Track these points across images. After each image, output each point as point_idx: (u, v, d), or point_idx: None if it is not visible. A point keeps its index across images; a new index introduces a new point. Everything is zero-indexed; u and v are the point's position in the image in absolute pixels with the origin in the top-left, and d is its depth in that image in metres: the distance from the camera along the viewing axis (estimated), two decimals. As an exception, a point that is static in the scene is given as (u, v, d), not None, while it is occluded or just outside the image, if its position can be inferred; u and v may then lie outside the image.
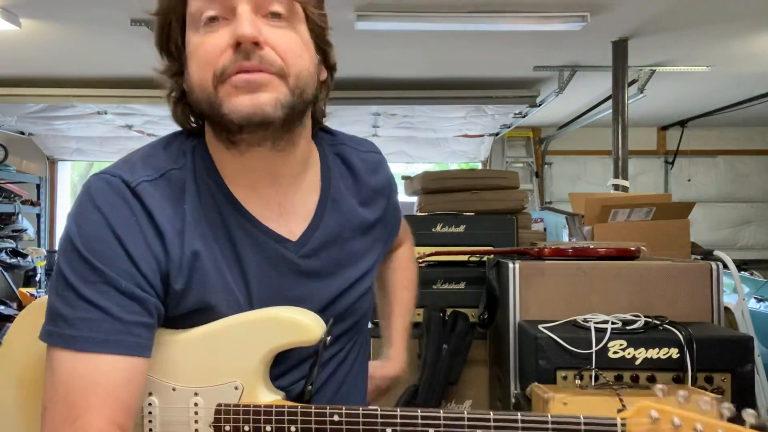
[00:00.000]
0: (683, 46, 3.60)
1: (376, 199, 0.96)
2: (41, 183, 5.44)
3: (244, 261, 0.81)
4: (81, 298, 0.72)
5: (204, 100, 0.77)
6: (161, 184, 0.79)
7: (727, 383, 1.46)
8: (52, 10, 3.00)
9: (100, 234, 0.74)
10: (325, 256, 0.87)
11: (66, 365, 0.72)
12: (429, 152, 5.92)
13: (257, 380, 0.81)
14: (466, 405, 2.28)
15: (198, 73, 0.77)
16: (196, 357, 0.81)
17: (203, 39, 0.76)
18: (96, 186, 0.77)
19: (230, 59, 0.74)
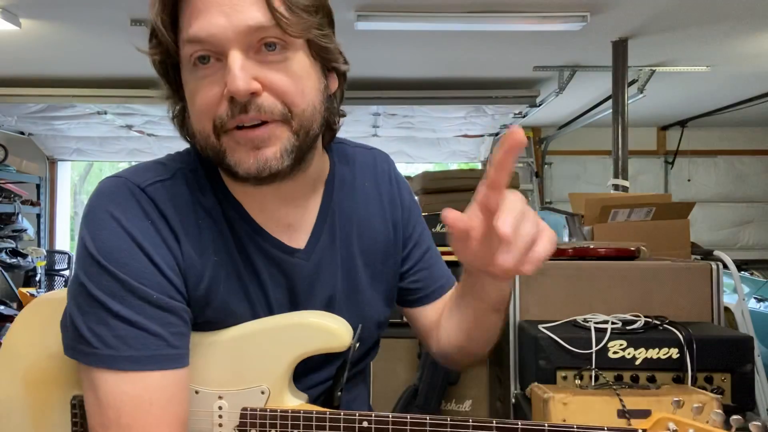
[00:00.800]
0: (683, 46, 3.60)
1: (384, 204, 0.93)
2: (41, 183, 5.44)
3: (259, 272, 0.80)
4: (114, 316, 0.70)
5: (207, 148, 0.75)
6: (174, 184, 0.78)
7: (727, 383, 1.46)
8: (52, 10, 3.00)
9: (119, 244, 0.72)
10: (328, 265, 0.85)
11: (112, 387, 0.70)
12: (429, 152, 5.92)
13: (283, 385, 0.80)
14: (466, 405, 2.28)
15: (197, 123, 0.74)
16: (220, 361, 0.80)
17: (197, 84, 0.72)
18: (106, 190, 0.75)
19: (227, 111, 0.71)
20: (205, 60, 0.71)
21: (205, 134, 0.74)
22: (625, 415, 1.24)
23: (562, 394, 1.28)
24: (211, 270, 0.77)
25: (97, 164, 8.08)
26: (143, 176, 0.77)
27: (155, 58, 0.76)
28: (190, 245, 0.76)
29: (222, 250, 0.78)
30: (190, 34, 0.70)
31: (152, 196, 0.75)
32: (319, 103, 0.77)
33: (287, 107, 0.72)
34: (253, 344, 0.80)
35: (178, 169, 0.79)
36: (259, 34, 0.70)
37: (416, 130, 5.45)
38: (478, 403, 2.29)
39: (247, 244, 0.80)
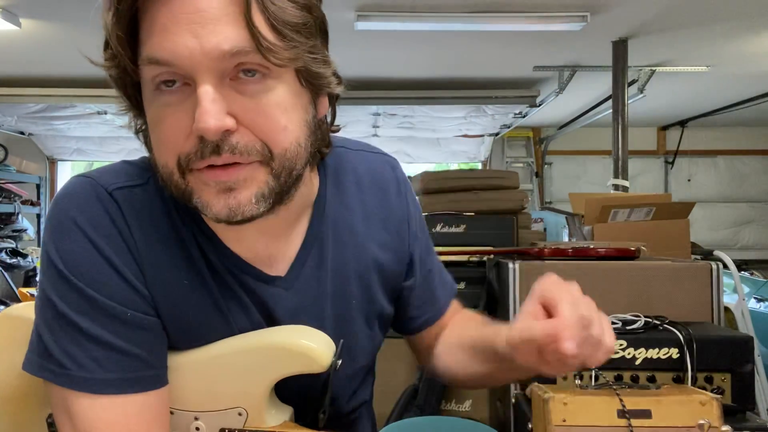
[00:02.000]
0: (683, 46, 3.60)
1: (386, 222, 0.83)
2: (41, 183, 5.44)
3: (237, 301, 0.72)
4: (87, 337, 0.64)
5: (171, 186, 0.64)
6: (145, 192, 0.69)
7: (727, 383, 1.46)
8: (52, 10, 3.00)
9: (85, 257, 0.65)
10: (315, 293, 0.77)
11: (87, 411, 0.64)
12: (429, 152, 5.92)
13: (262, 406, 0.76)
14: (466, 405, 2.28)
15: (160, 156, 0.63)
16: (196, 381, 0.75)
17: (161, 112, 0.61)
18: (72, 192, 0.68)
19: (195, 148, 0.60)
20: (170, 84, 0.60)
21: (167, 170, 0.63)
22: (625, 415, 1.24)
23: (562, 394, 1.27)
24: (183, 293, 0.70)
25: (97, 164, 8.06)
26: (113, 179, 0.69)
27: (110, 73, 0.65)
28: (154, 263, 0.68)
29: (194, 272, 0.70)
30: (151, 54, 0.59)
31: (119, 202, 0.67)
32: (305, 138, 0.66)
33: (267, 146, 0.62)
34: (228, 365, 0.74)
35: (153, 176, 0.69)
36: (236, 59, 0.58)
37: (416, 130, 5.45)
38: (478, 403, 2.29)
39: (222, 271, 0.71)
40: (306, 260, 0.76)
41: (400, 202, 0.84)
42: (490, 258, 2.19)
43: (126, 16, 0.60)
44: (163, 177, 0.65)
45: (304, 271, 0.75)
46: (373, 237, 0.81)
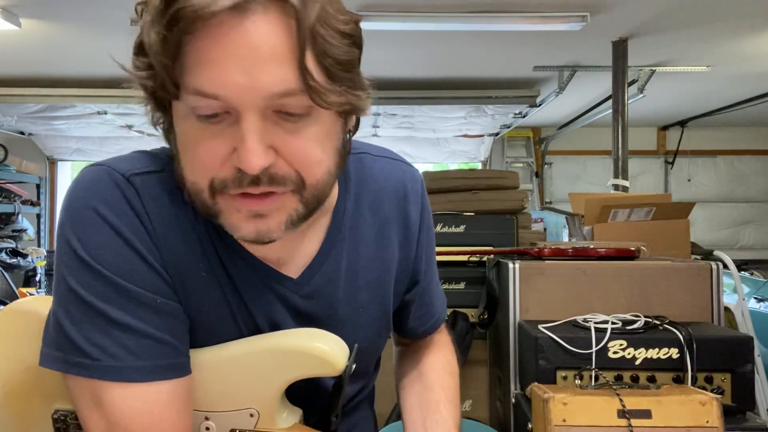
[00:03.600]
0: (683, 46, 3.60)
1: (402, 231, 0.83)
2: (41, 183, 5.44)
3: (248, 299, 0.73)
4: (115, 324, 0.64)
5: (198, 202, 0.64)
6: (162, 179, 0.69)
7: (727, 383, 1.46)
8: (52, 10, 3.00)
9: (109, 244, 0.64)
10: (326, 299, 0.77)
11: (119, 402, 0.64)
12: (429, 152, 5.92)
13: (273, 408, 0.75)
14: (466, 405, 2.28)
15: (191, 174, 0.63)
16: (207, 381, 0.75)
17: (197, 134, 0.60)
18: (88, 181, 0.67)
19: (232, 178, 0.60)
20: (213, 115, 0.59)
21: (197, 188, 0.63)
22: (625, 415, 1.24)
23: (562, 394, 1.27)
24: (199, 284, 0.69)
25: (97, 164, 8.08)
26: (129, 165, 0.68)
27: (146, 83, 0.63)
28: (172, 250, 0.68)
29: (208, 264, 0.70)
30: (199, 87, 0.57)
31: (137, 187, 0.66)
32: (335, 165, 0.66)
33: (301, 176, 0.62)
34: (241, 366, 0.74)
35: (168, 164, 0.69)
36: (284, 99, 0.58)
37: (416, 130, 5.45)
38: (478, 403, 2.29)
39: (233, 266, 0.71)
40: (321, 267, 0.76)
41: (416, 214, 0.84)
42: (490, 258, 2.20)
43: (174, 45, 0.57)
44: (190, 191, 0.64)
45: (317, 276, 0.75)
46: (387, 246, 0.81)
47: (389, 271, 0.82)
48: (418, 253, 0.85)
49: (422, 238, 0.85)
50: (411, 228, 0.83)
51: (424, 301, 0.90)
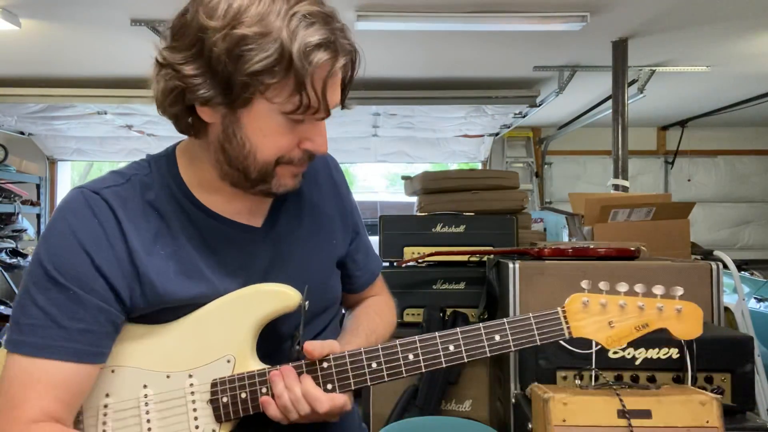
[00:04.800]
0: (683, 46, 3.60)
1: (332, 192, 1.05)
2: (41, 183, 5.44)
3: (219, 256, 0.89)
4: (35, 306, 0.80)
5: (257, 170, 0.85)
6: (126, 188, 0.87)
7: (727, 383, 1.46)
8: (52, 10, 3.00)
9: (64, 245, 0.81)
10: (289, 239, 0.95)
11: (13, 367, 0.80)
12: (429, 152, 5.92)
13: (247, 350, 0.87)
14: (466, 405, 2.28)
15: (265, 150, 0.84)
16: (188, 341, 0.86)
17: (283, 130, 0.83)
18: (64, 201, 0.85)
19: (300, 158, 0.86)
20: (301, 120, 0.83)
21: (266, 160, 0.84)
22: (625, 415, 1.24)
23: (562, 394, 1.28)
24: (159, 261, 0.85)
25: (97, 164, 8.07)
26: (101, 183, 0.87)
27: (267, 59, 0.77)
28: (140, 242, 0.84)
29: (170, 243, 0.87)
30: (331, 104, 0.83)
31: (106, 198, 0.85)
32: None
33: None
34: (213, 319, 0.86)
35: (132, 175, 0.89)
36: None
37: (416, 130, 5.45)
38: (478, 403, 2.29)
39: (206, 233, 0.89)
40: (278, 216, 0.95)
41: (341, 180, 1.07)
42: (490, 258, 2.20)
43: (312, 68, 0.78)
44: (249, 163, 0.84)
45: (277, 224, 0.95)
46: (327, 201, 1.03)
47: (332, 221, 1.02)
48: (349, 209, 1.07)
49: (350, 197, 1.08)
50: (340, 189, 1.06)
51: (365, 252, 1.10)
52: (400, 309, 2.36)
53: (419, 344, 0.89)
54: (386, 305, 1.15)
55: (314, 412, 0.85)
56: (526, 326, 0.92)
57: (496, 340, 0.90)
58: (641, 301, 0.94)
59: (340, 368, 0.87)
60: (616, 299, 0.93)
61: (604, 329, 0.94)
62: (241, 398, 0.85)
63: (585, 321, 0.93)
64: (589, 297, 0.93)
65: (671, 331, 0.95)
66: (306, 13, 0.77)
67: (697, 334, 0.95)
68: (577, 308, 0.93)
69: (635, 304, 0.94)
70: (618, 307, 0.94)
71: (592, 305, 0.93)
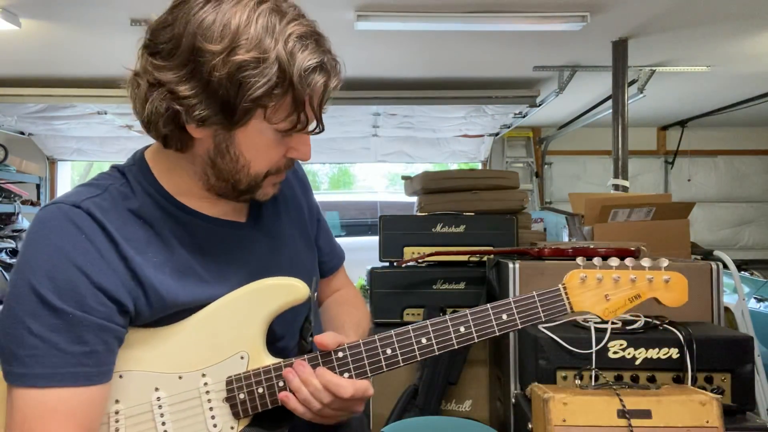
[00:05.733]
0: (683, 46, 3.60)
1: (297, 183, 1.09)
2: (41, 183, 5.44)
3: (211, 255, 0.90)
4: (32, 335, 0.76)
5: (248, 181, 0.87)
6: (105, 198, 0.85)
7: (727, 383, 1.46)
8: (52, 10, 3.00)
9: (52, 263, 0.78)
10: (274, 229, 0.99)
11: (19, 403, 0.76)
12: (429, 152, 5.92)
13: (260, 346, 0.87)
14: (466, 405, 2.28)
15: (258, 164, 0.86)
16: (198, 341, 0.86)
17: (273, 144, 0.86)
18: (43, 218, 0.81)
19: (284, 165, 0.89)
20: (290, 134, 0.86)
21: (258, 172, 0.87)
22: (625, 415, 1.24)
23: (562, 394, 1.28)
24: (154, 269, 0.84)
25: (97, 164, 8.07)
26: (77, 197, 0.84)
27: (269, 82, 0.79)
28: (132, 250, 0.83)
29: (162, 250, 0.86)
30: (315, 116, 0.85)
31: (88, 211, 0.82)
32: None
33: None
34: (223, 317, 0.86)
35: (109, 185, 0.87)
36: None
37: (416, 130, 5.45)
38: (478, 403, 2.29)
39: (196, 235, 0.89)
40: (260, 208, 0.98)
41: (302, 172, 1.12)
42: (490, 258, 2.20)
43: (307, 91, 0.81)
44: (242, 176, 0.86)
45: (260, 217, 0.97)
46: (293, 191, 1.07)
47: (302, 210, 1.07)
48: (311, 197, 1.12)
49: (308, 186, 1.13)
50: (302, 180, 1.11)
51: (328, 238, 1.14)
52: (400, 309, 2.37)
53: (431, 328, 0.91)
54: (357, 298, 1.17)
55: (338, 398, 0.85)
56: (531, 304, 0.95)
57: (504, 319, 0.93)
58: (633, 274, 0.99)
59: (355, 356, 0.88)
60: (610, 273, 0.99)
61: (600, 302, 0.99)
62: (259, 393, 0.86)
63: (583, 295, 0.98)
64: (587, 273, 0.98)
65: (661, 300, 1.02)
66: (300, 34, 0.79)
67: (683, 301, 1.02)
68: (576, 284, 0.98)
69: (627, 277, 0.99)
70: (612, 281, 0.99)
71: (589, 280, 0.98)
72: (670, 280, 1.02)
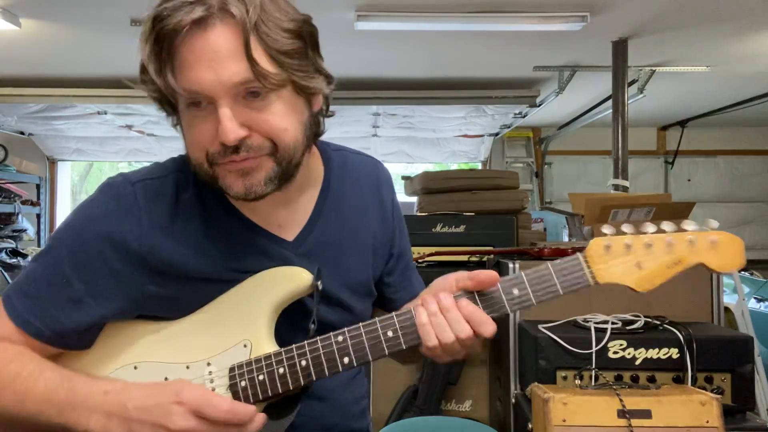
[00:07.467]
0: (683, 46, 3.60)
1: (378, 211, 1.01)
2: (41, 183, 5.43)
3: (248, 264, 0.88)
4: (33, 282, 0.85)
5: (201, 173, 0.83)
6: (163, 183, 0.88)
7: (727, 383, 1.46)
8: (52, 10, 3.00)
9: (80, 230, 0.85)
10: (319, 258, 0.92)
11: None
12: (429, 152, 5.92)
13: (263, 334, 0.87)
14: (466, 405, 2.28)
15: (192, 153, 0.83)
16: (205, 331, 0.88)
17: (192, 121, 0.80)
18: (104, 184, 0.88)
19: (219, 151, 0.79)
20: (197, 104, 0.79)
21: (198, 162, 0.82)
22: (625, 415, 1.24)
23: (562, 394, 1.28)
24: (193, 263, 0.86)
25: (97, 164, 8.08)
26: (138, 175, 0.88)
27: (152, 96, 0.83)
28: (166, 239, 0.85)
29: (207, 247, 0.87)
30: (181, 86, 0.77)
31: (135, 192, 0.86)
32: (302, 134, 0.84)
33: (273, 143, 0.81)
34: (228, 307, 0.88)
35: (173, 171, 0.89)
36: (244, 86, 0.77)
37: (416, 130, 5.45)
38: (478, 403, 2.29)
39: (237, 240, 0.89)
40: (312, 231, 0.93)
41: (389, 198, 1.04)
42: (490, 258, 2.20)
43: (157, 53, 0.77)
44: (195, 166, 0.83)
45: (311, 238, 0.93)
46: (366, 221, 0.99)
47: (368, 241, 0.99)
48: (393, 230, 1.03)
49: (396, 217, 1.04)
50: (385, 209, 1.02)
51: (404, 275, 1.06)
52: (400, 309, 2.36)
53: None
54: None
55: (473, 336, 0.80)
56: (546, 276, 0.83)
57: (515, 294, 0.83)
58: (670, 237, 0.82)
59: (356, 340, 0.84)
60: (641, 239, 0.82)
61: (631, 271, 0.82)
62: (259, 380, 0.85)
63: (609, 264, 0.82)
64: (611, 240, 0.82)
65: (708, 265, 0.82)
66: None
67: (738, 265, 0.84)
68: (599, 252, 0.82)
69: (663, 240, 0.81)
70: (644, 246, 0.82)
71: (615, 247, 0.82)
72: (718, 241, 0.82)
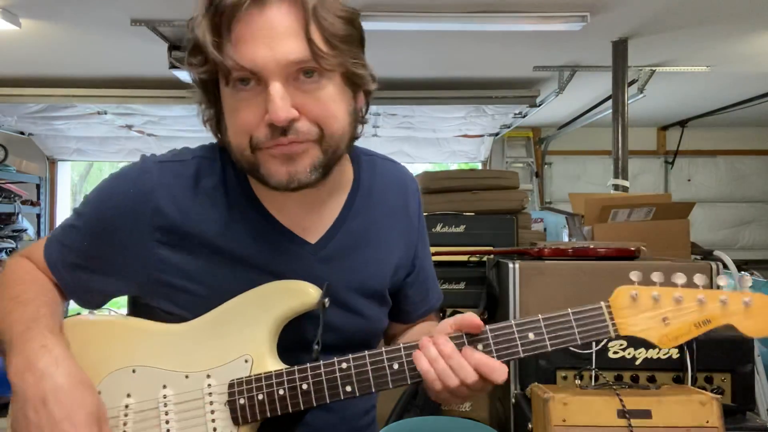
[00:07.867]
0: (683, 46, 3.60)
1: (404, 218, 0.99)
2: (41, 183, 5.44)
3: (265, 260, 0.87)
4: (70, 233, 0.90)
5: (242, 160, 0.82)
6: (185, 166, 0.88)
7: (727, 383, 1.46)
8: (52, 10, 3.00)
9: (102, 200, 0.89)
10: (339, 263, 0.90)
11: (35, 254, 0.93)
12: (429, 152, 5.91)
13: (265, 350, 0.84)
14: (466, 405, 2.28)
15: (235, 138, 0.81)
16: (206, 341, 0.85)
17: (237, 104, 0.79)
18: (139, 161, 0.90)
19: (266, 135, 0.78)
20: (246, 82, 0.77)
21: (241, 148, 0.81)
22: (625, 415, 1.24)
23: (562, 394, 1.28)
24: (206, 252, 0.86)
25: (97, 164, 8.09)
26: (166, 156, 0.90)
27: (200, 77, 0.81)
28: (181, 213, 0.85)
29: (224, 236, 0.86)
30: (236, 61, 0.75)
31: (160, 169, 0.87)
32: (348, 124, 0.83)
33: (321, 129, 0.79)
34: (231, 318, 0.85)
35: (197, 156, 0.90)
36: (299, 66, 0.76)
37: (416, 130, 5.45)
38: (478, 403, 2.29)
39: (257, 233, 0.87)
40: (335, 235, 0.91)
41: (415, 207, 1.02)
42: (490, 258, 2.20)
43: (216, 27, 0.76)
44: (235, 154, 0.82)
45: (333, 242, 0.90)
46: (391, 230, 0.97)
47: (392, 252, 0.96)
48: (416, 241, 1.01)
49: (420, 228, 1.02)
50: (411, 218, 1.00)
51: (421, 288, 1.03)
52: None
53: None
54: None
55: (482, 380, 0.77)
56: (565, 324, 0.81)
57: (530, 338, 0.80)
58: (701, 294, 0.78)
59: (360, 369, 0.81)
60: (670, 291, 0.79)
61: (657, 327, 0.78)
62: (258, 400, 0.81)
63: (634, 317, 0.78)
64: (638, 290, 0.80)
65: (738, 328, 0.78)
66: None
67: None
68: (624, 302, 0.79)
69: (694, 297, 0.78)
70: (673, 301, 0.79)
71: (642, 298, 0.79)
72: (751, 303, 0.77)
